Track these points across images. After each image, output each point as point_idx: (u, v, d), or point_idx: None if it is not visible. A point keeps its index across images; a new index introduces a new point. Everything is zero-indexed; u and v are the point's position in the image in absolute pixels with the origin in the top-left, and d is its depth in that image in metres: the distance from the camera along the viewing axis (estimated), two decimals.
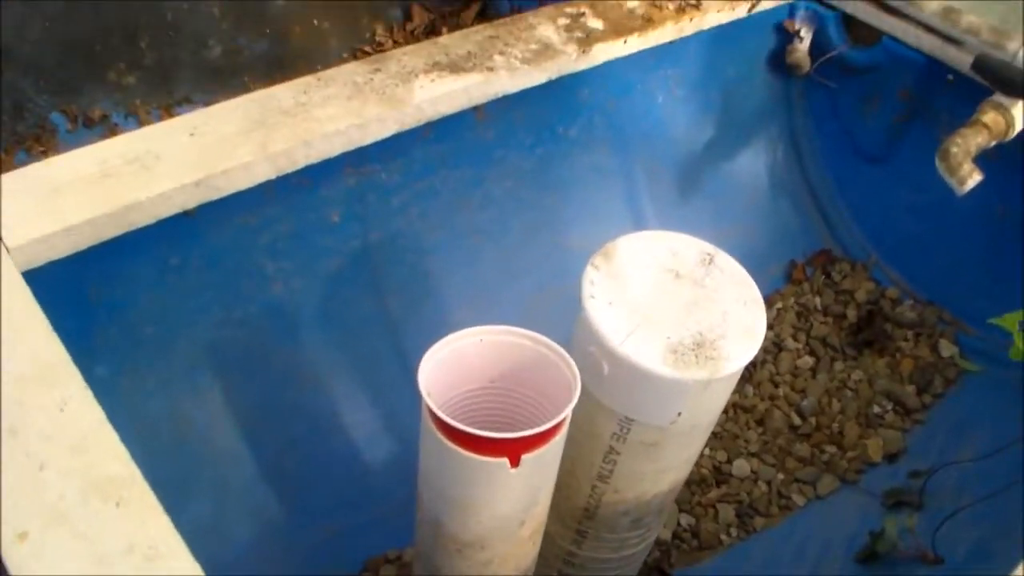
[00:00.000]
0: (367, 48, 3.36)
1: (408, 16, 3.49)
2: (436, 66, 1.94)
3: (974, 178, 2.01)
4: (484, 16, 3.51)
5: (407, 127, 1.86)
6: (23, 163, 2.76)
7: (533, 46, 2.04)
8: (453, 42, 2.03)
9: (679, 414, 1.41)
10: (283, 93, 1.85)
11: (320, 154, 1.77)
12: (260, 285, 1.93)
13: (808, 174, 2.81)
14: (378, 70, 1.91)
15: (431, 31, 3.45)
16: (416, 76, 1.90)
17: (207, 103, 3.05)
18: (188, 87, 3.13)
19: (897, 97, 2.55)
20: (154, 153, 1.67)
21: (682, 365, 1.34)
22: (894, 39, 2.48)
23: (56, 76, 2.95)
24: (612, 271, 1.44)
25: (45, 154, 2.82)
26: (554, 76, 2.05)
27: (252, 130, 1.73)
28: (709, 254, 1.52)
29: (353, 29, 3.41)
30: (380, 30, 3.44)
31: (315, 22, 3.35)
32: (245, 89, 3.18)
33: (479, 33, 2.08)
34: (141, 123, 3.01)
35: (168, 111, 3.06)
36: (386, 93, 1.84)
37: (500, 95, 1.98)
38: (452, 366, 1.34)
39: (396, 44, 3.37)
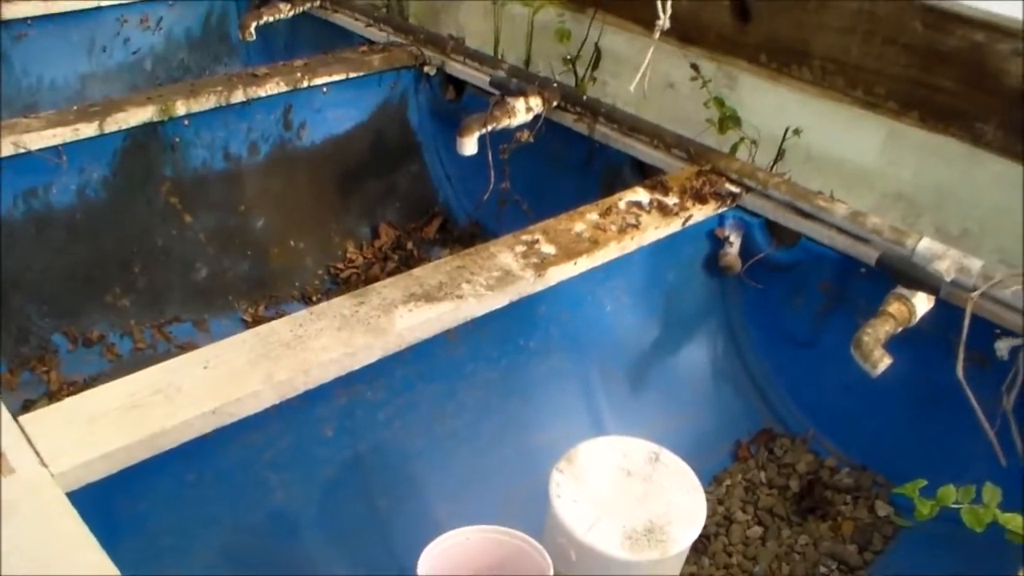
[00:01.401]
0: (339, 264, 3.65)
1: (376, 234, 3.79)
2: (413, 297, 2.19)
3: (884, 362, 2.22)
4: (444, 229, 3.82)
5: (390, 352, 2.09)
6: (28, 383, 3.02)
7: (495, 273, 2.30)
8: (426, 274, 2.29)
9: None
10: (282, 327, 2.08)
11: (316, 380, 1.99)
12: (265, 494, 2.12)
13: (747, 361, 3.02)
14: (362, 303, 2.16)
15: (397, 246, 3.74)
16: (396, 307, 2.15)
17: (195, 322, 3.35)
18: (177, 307, 3.40)
19: (818, 289, 2.79)
20: (175, 385, 1.89)
21: (637, 548, 1.61)
22: (811, 240, 2.73)
23: (58, 301, 3.20)
24: (574, 473, 1.72)
25: (48, 373, 3.06)
26: (515, 298, 2.30)
27: (258, 362, 1.96)
28: (655, 453, 1.79)
29: (326, 247, 3.70)
30: (351, 247, 3.73)
31: (292, 243, 3.64)
32: (230, 307, 3.46)
33: (448, 264, 2.33)
34: (135, 342, 3.26)
35: (160, 330, 3.32)
36: (371, 324, 2.09)
37: (469, 319, 2.23)
38: (445, 563, 1.59)
39: (366, 260, 3.65)
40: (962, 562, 1.69)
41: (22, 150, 2.97)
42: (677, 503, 1.71)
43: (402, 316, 2.14)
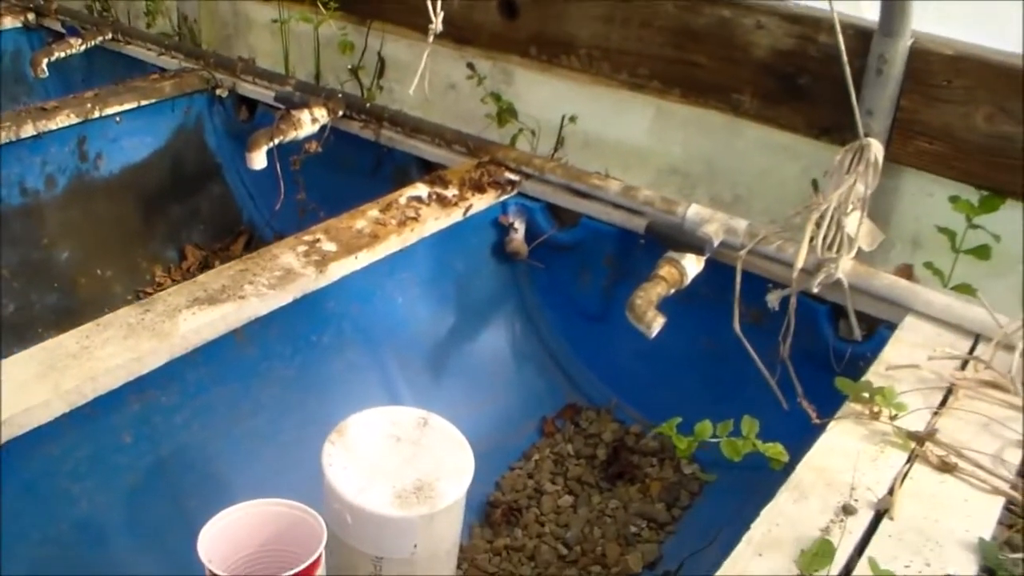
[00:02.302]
0: (149, 289, 3.68)
1: (183, 256, 3.84)
2: (196, 301, 2.26)
3: (658, 322, 2.34)
4: (250, 246, 3.88)
5: (176, 355, 2.17)
6: None
7: (277, 273, 2.39)
8: (209, 279, 2.36)
9: (415, 546, 1.78)
10: (68, 340, 2.14)
11: (105, 386, 2.05)
12: (68, 505, 2.15)
13: (545, 341, 3.14)
14: (148, 311, 2.22)
15: (205, 266, 3.79)
16: (180, 311, 2.22)
17: (4, 356, 3.35)
18: None
19: (603, 264, 2.93)
20: None
21: (407, 505, 1.73)
22: (591, 218, 2.89)
23: None
24: (346, 443, 1.83)
25: None
26: (299, 295, 2.39)
27: (46, 374, 2.02)
28: (423, 418, 1.91)
29: (134, 274, 3.73)
30: (159, 272, 3.77)
31: (99, 271, 3.67)
32: (40, 340, 3.45)
33: (231, 268, 2.41)
34: None
35: None
36: (156, 329, 2.16)
37: (253, 318, 2.31)
38: (228, 536, 1.69)
39: (175, 282, 3.69)
40: (761, 505, 1.83)
41: None
42: (445, 461, 1.82)
43: (186, 319, 2.21)
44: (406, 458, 1.82)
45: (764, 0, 2.53)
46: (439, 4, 3.02)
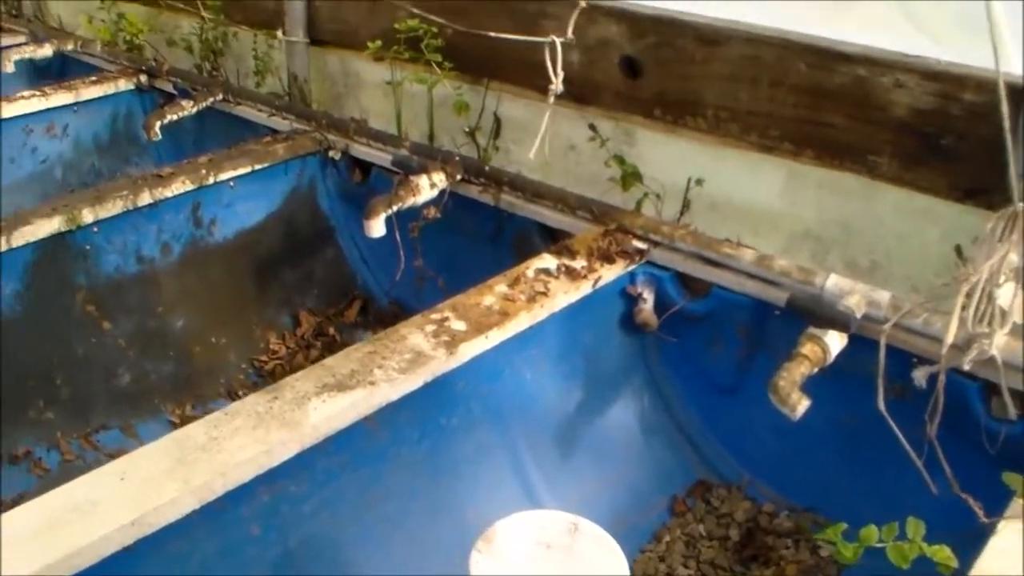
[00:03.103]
0: (263, 357, 3.64)
1: (297, 322, 3.79)
2: (326, 387, 2.20)
3: (803, 404, 2.25)
4: (365, 311, 3.82)
5: (307, 446, 2.10)
6: None
7: (407, 356, 2.32)
8: (338, 363, 2.30)
9: None
10: (197, 430, 2.07)
11: (235, 480, 1.99)
12: None
13: (675, 414, 3.02)
14: (276, 398, 2.16)
15: (319, 333, 3.74)
16: (309, 399, 2.16)
17: (123, 428, 3.33)
18: (103, 415, 3.37)
19: (736, 335, 2.81)
20: (91, 499, 1.88)
21: None
22: (723, 288, 2.76)
23: None
24: (494, 552, 1.72)
25: None
26: (429, 379, 2.32)
27: (174, 468, 1.96)
28: (573, 523, 1.80)
29: (248, 341, 3.69)
30: (273, 338, 3.72)
31: (213, 339, 3.63)
32: (156, 410, 3.44)
33: (359, 350, 2.35)
34: (63, 454, 3.23)
35: (87, 439, 3.29)
36: (285, 418, 2.10)
37: (384, 404, 2.24)
38: None
39: (289, 350, 3.65)
40: None
41: None
42: (597, 569, 1.72)
43: (316, 408, 2.14)
44: (558, 566, 1.71)
45: (902, 57, 2.43)
46: (559, 64, 2.96)
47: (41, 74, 5.43)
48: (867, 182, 2.60)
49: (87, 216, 3.30)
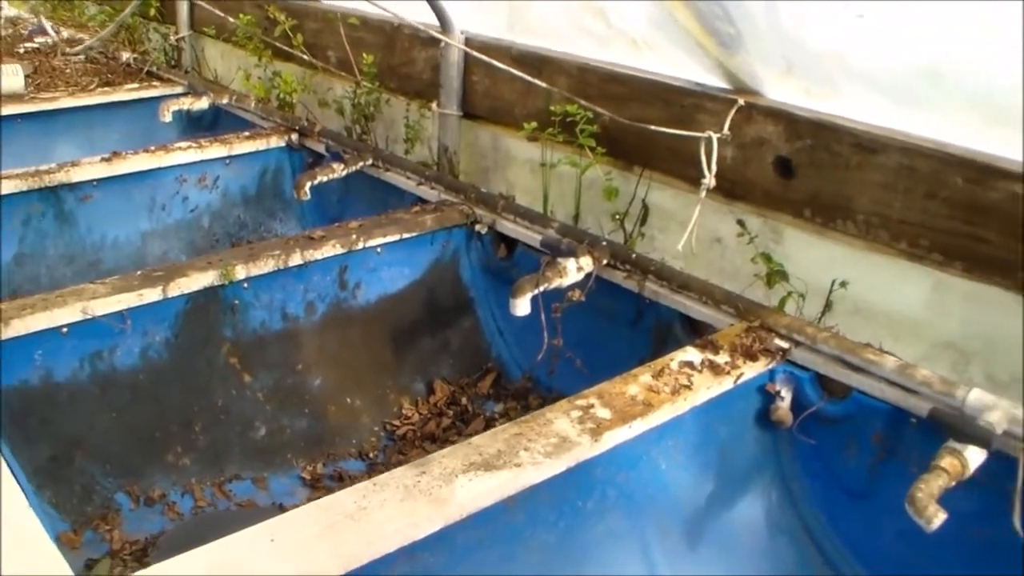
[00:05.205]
0: (396, 422, 3.70)
1: (431, 390, 3.84)
2: (472, 466, 2.24)
3: (939, 517, 2.23)
4: (498, 384, 3.87)
5: (451, 521, 2.14)
6: (90, 541, 3.07)
7: (553, 440, 2.35)
8: (484, 442, 2.34)
9: None
10: (346, 498, 2.13)
11: (381, 551, 2.03)
12: None
13: (802, 513, 2.99)
14: (424, 472, 2.21)
15: (452, 402, 3.78)
16: (456, 476, 2.20)
17: (255, 480, 3.40)
18: (237, 465, 3.45)
19: (871, 441, 2.77)
20: (242, 559, 1.95)
21: None
22: (862, 392, 2.75)
23: (120, 460, 3.26)
24: None
25: (110, 532, 3.10)
26: (572, 464, 2.34)
27: (323, 534, 2.01)
28: None
29: (382, 404, 3.75)
30: (406, 404, 3.78)
31: (348, 400, 3.70)
32: (289, 465, 3.51)
33: (506, 431, 2.38)
34: (196, 500, 3.31)
35: (220, 488, 3.37)
36: (432, 494, 2.14)
37: (527, 486, 2.27)
38: None
39: (421, 416, 3.70)
40: None
41: (89, 316, 3.08)
42: None
43: (463, 486, 2.18)
44: None
45: None
46: (714, 159, 3.00)
47: (194, 124, 5.64)
48: (1015, 298, 2.59)
49: (240, 272, 3.40)
